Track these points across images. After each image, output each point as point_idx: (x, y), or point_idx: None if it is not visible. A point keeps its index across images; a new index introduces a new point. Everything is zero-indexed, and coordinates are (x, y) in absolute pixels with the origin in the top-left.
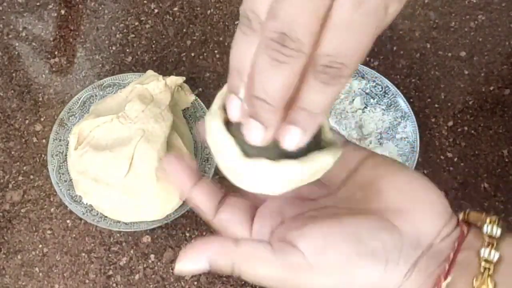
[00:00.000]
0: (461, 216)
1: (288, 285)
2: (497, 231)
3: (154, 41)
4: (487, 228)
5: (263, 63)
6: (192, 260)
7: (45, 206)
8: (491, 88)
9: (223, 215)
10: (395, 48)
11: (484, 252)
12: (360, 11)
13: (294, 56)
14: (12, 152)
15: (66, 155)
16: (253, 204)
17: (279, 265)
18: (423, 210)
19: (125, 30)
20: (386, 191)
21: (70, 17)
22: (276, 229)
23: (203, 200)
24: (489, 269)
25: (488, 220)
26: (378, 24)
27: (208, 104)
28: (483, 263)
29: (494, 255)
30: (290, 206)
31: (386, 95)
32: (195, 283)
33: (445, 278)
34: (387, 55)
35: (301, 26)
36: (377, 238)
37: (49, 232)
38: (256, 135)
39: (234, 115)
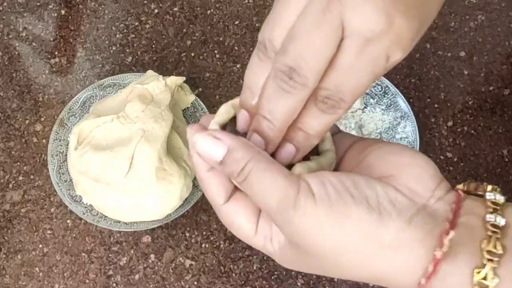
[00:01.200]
0: (460, 186)
1: (287, 207)
2: (500, 198)
3: (154, 41)
4: (490, 195)
5: (271, 89)
6: (214, 137)
7: (45, 206)
8: (491, 88)
9: (233, 205)
10: None
11: (490, 218)
12: (362, 58)
13: (298, 89)
14: (12, 152)
15: (66, 155)
16: None
17: (289, 185)
18: (413, 173)
19: (125, 30)
20: (376, 164)
21: (70, 17)
22: None
23: (218, 183)
24: (496, 232)
25: (489, 188)
26: (377, 71)
27: (208, 104)
28: (490, 227)
29: (500, 220)
30: None
31: (386, 95)
32: (195, 283)
33: (447, 234)
34: None
35: (308, 65)
36: (371, 188)
37: (49, 232)
38: (258, 147)
39: (241, 126)
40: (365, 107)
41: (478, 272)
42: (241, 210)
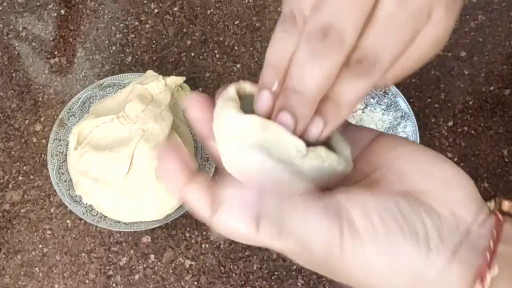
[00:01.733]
0: (491, 204)
1: (332, 253)
2: None
3: (154, 41)
4: None
5: (303, 55)
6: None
7: (45, 206)
8: (491, 88)
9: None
10: None
11: None
12: (403, 8)
13: (335, 48)
14: (12, 152)
15: (66, 155)
16: None
17: (329, 226)
18: (454, 193)
19: (125, 30)
20: (409, 171)
21: (70, 17)
22: None
23: (199, 199)
24: None
25: None
26: (418, 27)
27: None
28: None
29: None
30: None
31: (386, 95)
32: (195, 283)
33: (489, 267)
34: None
35: (346, 18)
36: (418, 216)
37: (49, 232)
38: (287, 128)
39: (263, 109)
40: (365, 107)
41: None
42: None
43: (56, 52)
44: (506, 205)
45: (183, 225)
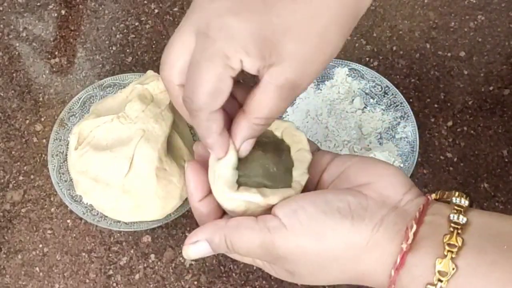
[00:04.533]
0: (433, 195)
1: (269, 247)
2: (465, 202)
3: (154, 41)
4: (455, 199)
5: None
6: (194, 243)
7: (46, 206)
8: (491, 88)
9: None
10: (394, 48)
11: (453, 217)
12: (201, 55)
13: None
14: (13, 152)
15: (66, 155)
16: None
17: (260, 229)
18: (385, 180)
19: (125, 30)
20: (353, 174)
21: (70, 17)
22: None
23: (206, 213)
24: (457, 228)
25: (456, 194)
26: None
27: None
28: (452, 224)
29: (462, 219)
30: None
31: (385, 95)
32: (195, 283)
33: (411, 229)
34: (386, 55)
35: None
36: (342, 200)
37: (49, 232)
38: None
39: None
40: (365, 107)
41: (440, 262)
42: None
43: (56, 52)
44: (443, 194)
45: (184, 225)
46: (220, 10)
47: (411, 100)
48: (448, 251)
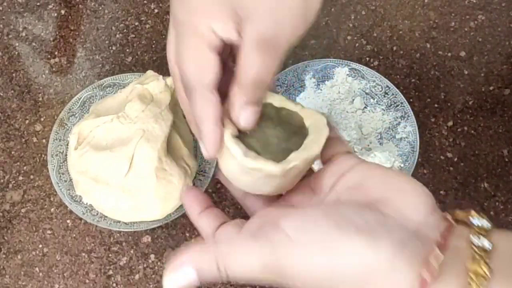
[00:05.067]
0: (449, 216)
1: (272, 266)
2: (486, 224)
3: (154, 41)
4: (476, 221)
5: None
6: (178, 273)
7: (45, 206)
8: (491, 88)
9: (217, 234)
10: (395, 48)
11: (477, 241)
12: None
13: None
14: (12, 152)
15: (66, 155)
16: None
17: (261, 246)
18: (406, 198)
19: (125, 30)
20: (371, 185)
21: (70, 17)
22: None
23: (205, 224)
24: (482, 256)
25: (474, 214)
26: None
27: None
28: (476, 250)
29: (486, 243)
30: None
31: (386, 95)
32: None
33: (436, 259)
34: (387, 55)
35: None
36: (359, 213)
37: (49, 232)
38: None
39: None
40: (365, 107)
41: None
42: (224, 233)
43: (56, 52)
44: (459, 214)
45: (183, 225)
46: None
47: (411, 100)
48: (474, 281)
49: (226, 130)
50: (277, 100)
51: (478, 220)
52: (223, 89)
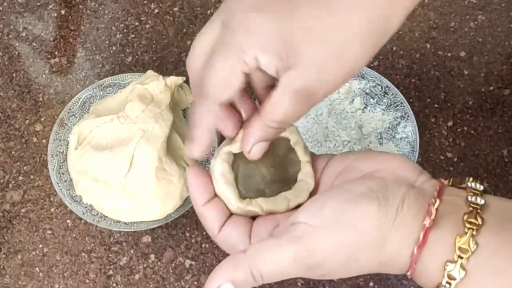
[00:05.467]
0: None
1: (304, 257)
2: (480, 186)
3: (154, 41)
4: (471, 184)
5: None
6: None
7: (45, 206)
8: (491, 88)
9: (225, 231)
10: (395, 48)
11: (471, 198)
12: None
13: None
14: (12, 152)
15: (66, 155)
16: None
17: (288, 242)
18: (394, 164)
19: (125, 30)
20: (359, 165)
21: (70, 17)
22: (273, 230)
23: (211, 217)
24: (477, 208)
25: (471, 179)
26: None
27: None
28: (471, 204)
29: (481, 200)
30: (282, 215)
31: (386, 95)
32: (195, 283)
33: (434, 204)
34: (387, 55)
35: None
36: (361, 185)
37: (49, 232)
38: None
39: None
40: (365, 107)
41: (460, 240)
42: (234, 234)
43: (56, 52)
44: (455, 180)
45: (183, 225)
46: (246, 5)
47: (411, 100)
48: (469, 228)
49: (226, 148)
50: (293, 138)
51: (473, 183)
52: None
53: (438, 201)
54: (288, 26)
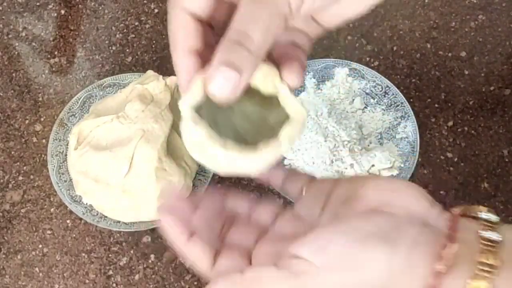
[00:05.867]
0: (456, 210)
1: None
2: (494, 218)
3: (154, 41)
4: (484, 215)
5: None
6: None
7: (45, 206)
8: (491, 88)
9: (220, 267)
10: (395, 48)
11: (485, 233)
12: None
13: None
14: (12, 152)
15: (66, 155)
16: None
17: (286, 278)
18: (404, 194)
19: (125, 30)
20: (365, 195)
21: (70, 17)
22: (273, 254)
23: (198, 256)
24: (493, 246)
25: (483, 209)
26: None
27: None
28: (485, 242)
29: (495, 236)
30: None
31: (386, 95)
32: (195, 283)
33: (449, 249)
34: (387, 55)
35: None
36: (371, 222)
37: (49, 232)
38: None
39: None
40: (365, 107)
41: (474, 282)
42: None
43: (56, 52)
44: (468, 209)
45: None
46: None
47: (411, 100)
48: (485, 271)
49: (189, 97)
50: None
51: (486, 214)
52: None
53: (456, 245)
54: None
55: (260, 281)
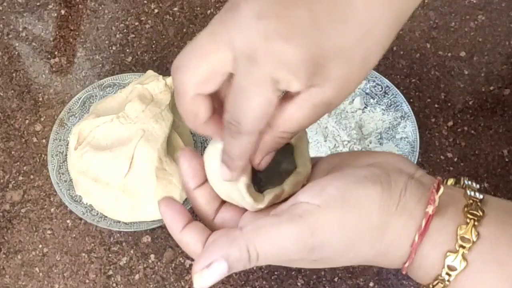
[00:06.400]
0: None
1: (306, 238)
2: (476, 185)
3: (154, 41)
4: (467, 182)
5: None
6: (211, 270)
7: (45, 206)
8: (491, 88)
9: (221, 214)
10: (395, 48)
11: (470, 193)
12: (247, 78)
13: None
14: (12, 152)
15: (66, 155)
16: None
17: (290, 220)
18: (395, 158)
19: (125, 30)
20: (360, 159)
21: (70, 17)
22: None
23: (202, 204)
24: (476, 201)
25: (466, 178)
26: (266, 94)
27: None
28: (470, 197)
29: (479, 195)
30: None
31: (386, 95)
32: None
33: (437, 191)
34: (387, 55)
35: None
36: (365, 170)
37: (49, 232)
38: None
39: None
40: (365, 107)
41: (462, 229)
42: (228, 216)
43: (56, 52)
44: (452, 179)
45: None
46: (267, 32)
47: (411, 100)
48: (470, 219)
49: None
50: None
51: (469, 182)
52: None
53: (442, 188)
54: (316, 49)
55: (261, 230)
